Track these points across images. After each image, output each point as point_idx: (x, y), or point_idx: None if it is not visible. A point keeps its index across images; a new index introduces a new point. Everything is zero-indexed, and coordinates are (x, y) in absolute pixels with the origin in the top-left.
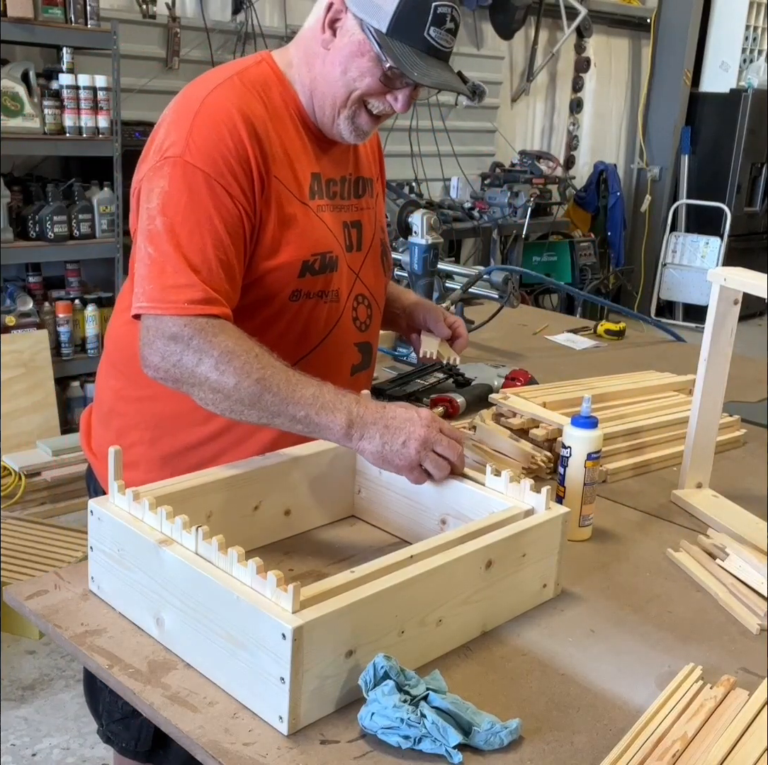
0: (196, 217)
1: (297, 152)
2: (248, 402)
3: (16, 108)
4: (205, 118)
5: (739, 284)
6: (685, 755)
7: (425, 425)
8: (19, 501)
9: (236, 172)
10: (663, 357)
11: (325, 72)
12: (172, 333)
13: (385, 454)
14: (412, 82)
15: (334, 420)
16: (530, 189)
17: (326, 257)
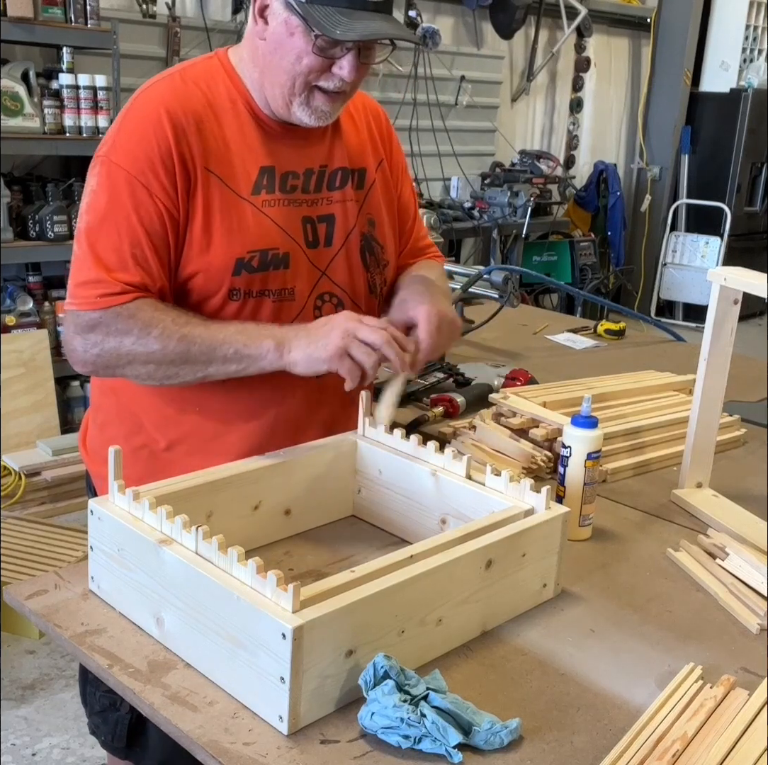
0: (114, 216)
1: (243, 146)
2: (179, 361)
3: (16, 108)
4: (132, 117)
5: (739, 284)
6: (685, 755)
7: (345, 318)
8: (19, 501)
9: (156, 170)
10: (663, 357)
11: (266, 63)
12: (90, 325)
13: (311, 352)
14: (351, 44)
15: (261, 345)
16: (530, 189)
17: (268, 254)
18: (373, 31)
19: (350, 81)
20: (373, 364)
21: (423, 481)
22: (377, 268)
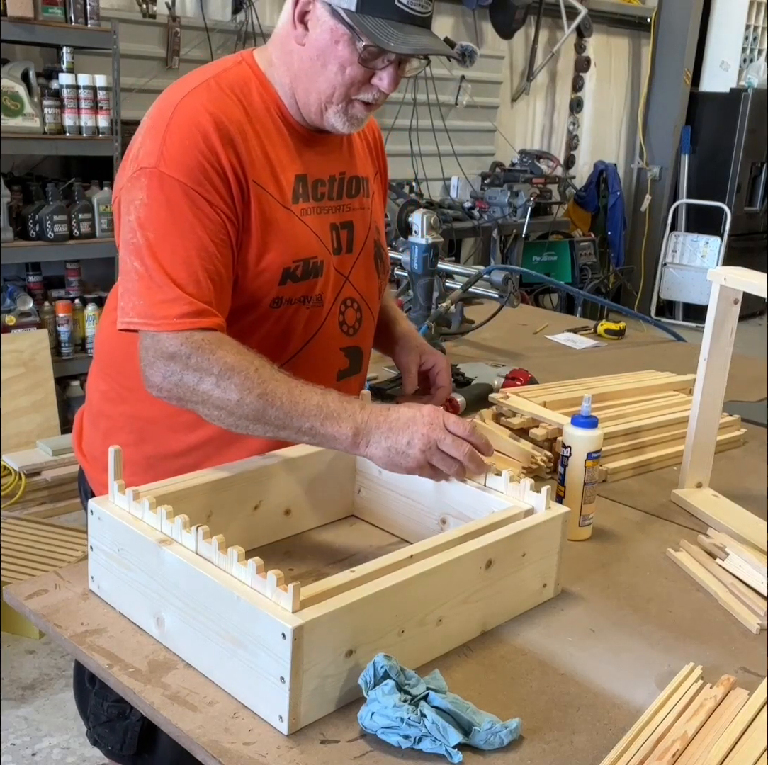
0: (177, 229)
1: (279, 155)
2: (253, 417)
3: (16, 107)
4: (177, 126)
5: (739, 284)
6: (685, 755)
7: (428, 423)
8: (19, 501)
9: (213, 179)
10: (663, 356)
11: (304, 69)
12: (170, 352)
13: (392, 457)
14: (394, 57)
15: (339, 430)
16: (530, 188)
17: (309, 263)
18: (424, 45)
19: (389, 92)
20: (457, 472)
21: (423, 481)
22: (384, 274)
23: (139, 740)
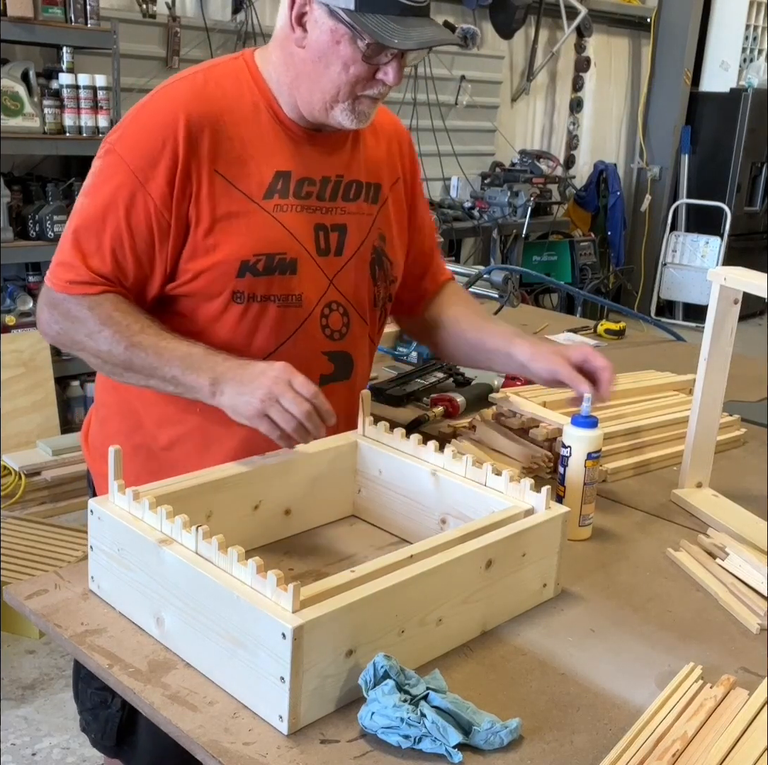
0: (104, 206)
1: (260, 150)
2: (123, 366)
3: (16, 107)
4: (147, 111)
5: (739, 284)
6: (685, 755)
7: (274, 377)
8: (19, 500)
9: (159, 169)
10: (663, 356)
11: (306, 70)
12: (54, 303)
13: (236, 405)
14: (397, 51)
15: (197, 380)
16: (530, 188)
17: (274, 259)
18: (428, 38)
19: (394, 86)
20: (294, 429)
21: (423, 480)
22: (384, 282)
23: (118, 731)
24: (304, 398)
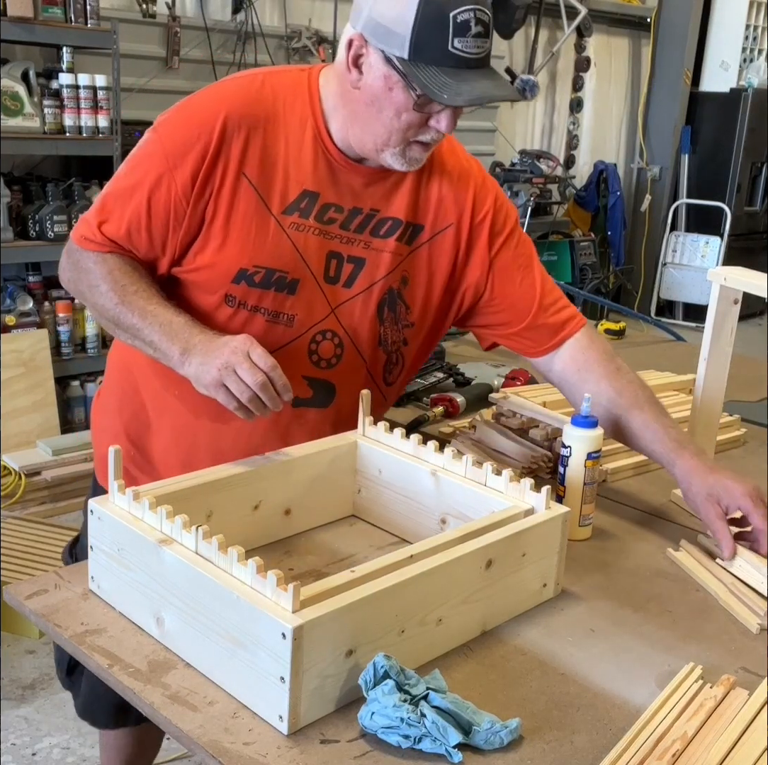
0: (134, 179)
1: (295, 164)
2: (114, 323)
3: (16, 107)
4: (196, 100)
5: (739, 284)
6: (685, 755)
7: (233, 346)
8: (19, 500)
9: (188, 158)
10: (663, 356)
11: (359, 111)
12: (70, 252)
13: (198, 374)
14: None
15: (171, 347)
16: (530, 188)
17: (274, 274)
18: (479, 94)
19: (448, 134)
20: (248, 400)
21: (423, 480)
22: (394, 325)
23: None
24: (259, 369)
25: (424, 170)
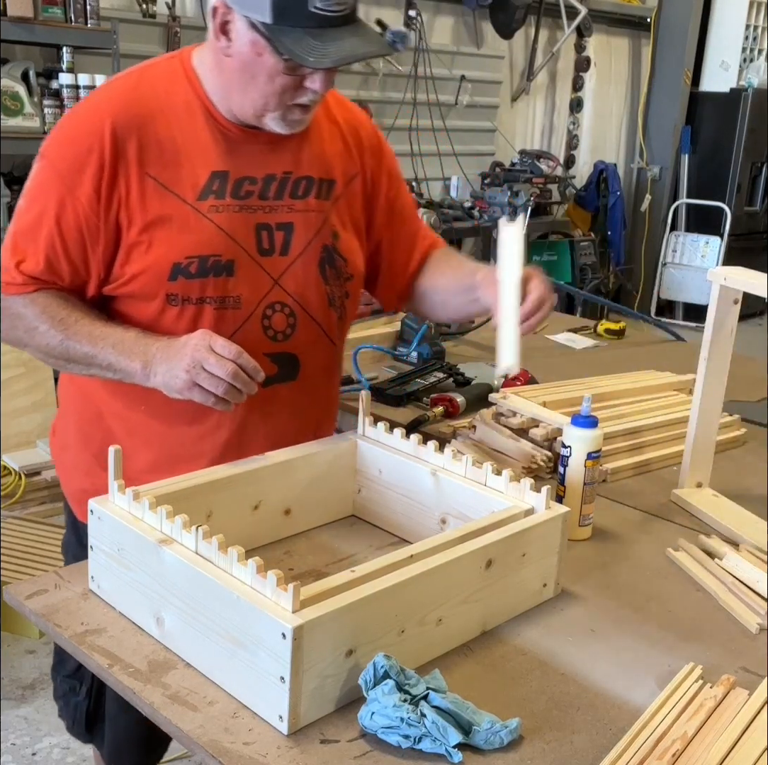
0: (38, 210)
1: (195, 151)
2: (64, 358)
3: (16, 107)
4: (76, 117)
5: (739, 284)
6: (685, 754)
7: (194, 345)
8: (19, 500)
9: (85, 174)
10: (663, 356)
11: (234, 79)
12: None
13: (167, 382)
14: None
15: (131, 364)
16: (530, 188)
17: (208, 260)
18: (345, 53)
19: (324, 93)
20: (225, 391)
21: (423, 480)
22: (337, 281)
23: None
24: (227, 359)
25: (321, 126)
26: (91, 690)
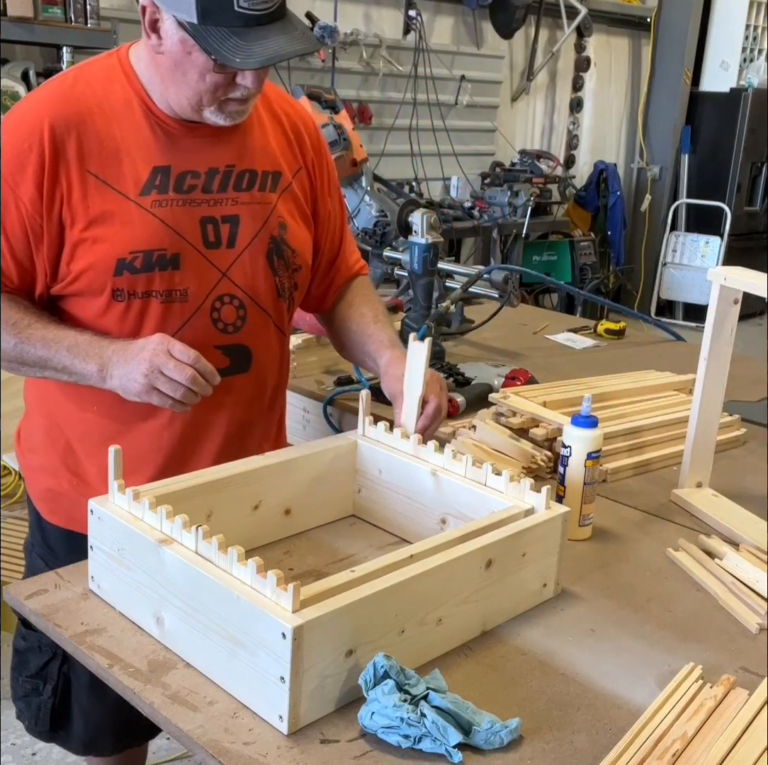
0: None
1: (135, 147)
2: (19, 361)
3: None
4: (15, 118)
5: (739, 284)
6: (685, 754)
7: (152, 349)
8: (19, 500)
9: (27, 174)
10: (663, 356)
11: (167, 76)
12: None
13: (124, 385)
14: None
15: (86, 367)
16: (530, 188)
17: (153, 255)
18: (272, 53)
19: (257, 90)
20: (183, 395)
21: (423, 480)
22: (286, 271)
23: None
24: (185, 364)
25: (263, 121)
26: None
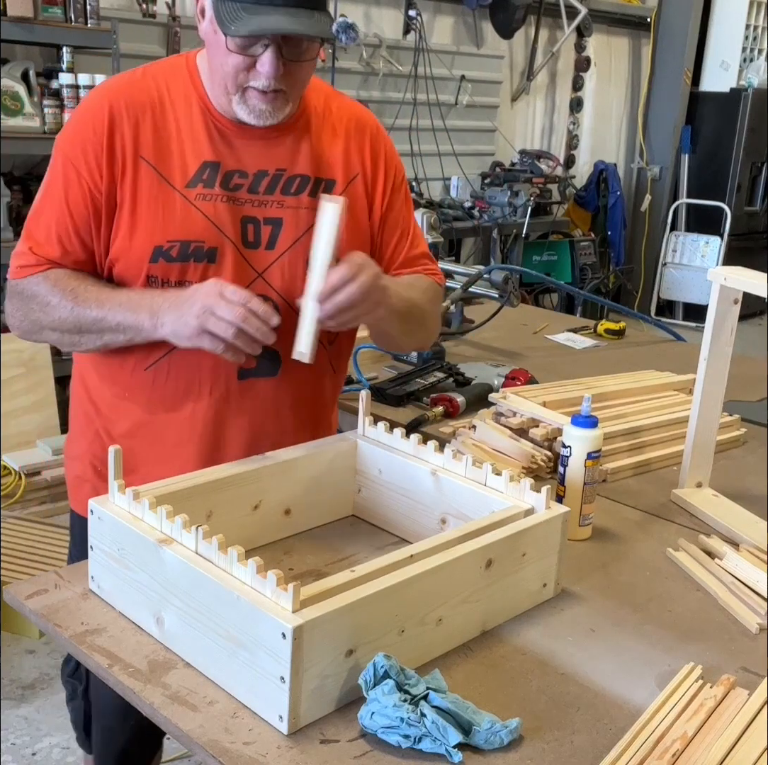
0: (50, 195)
1: (189, 140)
2: (76, 330)
3: (16, 107)
4: (82, 106)
5: (739, 284)
6: (685, 754)
7: (205, 292)
8: (19, 500)
9: (88, 154)
10: (663, 356)
11: (210, 65)
12: (12, 293)
13: (176, 329)
14: (269, 41)
15: (138, 318)
16: (530, 188)
17: (190, 246)
18: (267, 26)
19: (276, 78)
20: (234, 337)
21: (423, 480)
22: None
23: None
24: (237, 303)
25: (322, 127)
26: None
